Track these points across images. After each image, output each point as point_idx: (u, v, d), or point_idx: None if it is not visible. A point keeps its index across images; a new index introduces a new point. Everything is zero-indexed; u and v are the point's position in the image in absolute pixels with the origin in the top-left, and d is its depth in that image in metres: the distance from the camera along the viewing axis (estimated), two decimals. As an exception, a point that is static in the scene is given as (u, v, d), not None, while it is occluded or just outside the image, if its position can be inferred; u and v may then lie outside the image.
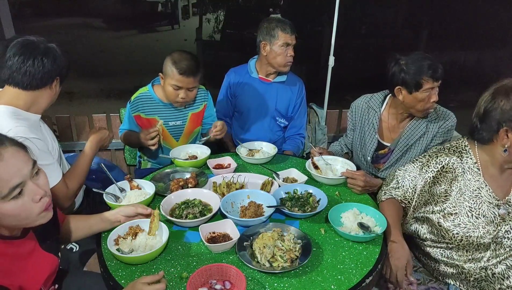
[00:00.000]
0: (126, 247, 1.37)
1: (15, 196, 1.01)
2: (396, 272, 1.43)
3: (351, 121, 2.20)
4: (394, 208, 1.63)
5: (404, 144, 1.95)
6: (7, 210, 1.00)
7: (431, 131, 1.91)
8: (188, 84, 2.02)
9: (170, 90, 2.05)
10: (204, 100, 2.31)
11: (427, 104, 1.80)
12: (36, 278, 1.17)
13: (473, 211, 1.48)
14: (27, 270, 1.13)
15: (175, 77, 1.99)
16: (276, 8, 3.36)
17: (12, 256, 1.10)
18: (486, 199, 1.48)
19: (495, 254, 1.48)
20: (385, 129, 2.04)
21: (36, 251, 1.19)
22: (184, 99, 2.07)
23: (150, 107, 2.18)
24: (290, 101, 2.50)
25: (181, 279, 1.25)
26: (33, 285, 1.15)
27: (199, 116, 2.31)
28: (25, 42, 1.53)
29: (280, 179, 1.85)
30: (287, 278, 1.27)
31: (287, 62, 2.36)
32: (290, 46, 2.32)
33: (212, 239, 1.43)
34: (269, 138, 2.51)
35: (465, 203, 1.49)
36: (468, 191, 1.50)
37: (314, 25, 3.39)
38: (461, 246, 1.51)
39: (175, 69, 1.98)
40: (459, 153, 1.54)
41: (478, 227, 1.47)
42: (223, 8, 3.28)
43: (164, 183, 1.87)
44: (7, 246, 1.09)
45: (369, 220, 1.54)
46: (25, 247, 1.15)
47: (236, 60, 2.63)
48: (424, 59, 1.76)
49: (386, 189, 1.71)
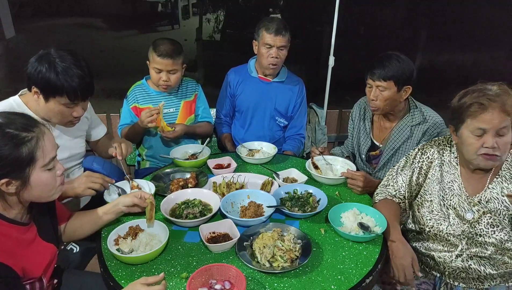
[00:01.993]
0: (126, 247, 1.37)
1: (49, 168, 1.16)
2: (404, 272, 1.40)
3: (351, 120, 2.24)
4: (389, 207, 1.63)
5: (391, 146, 1.99)
6: (41, 180, 1.14)
7: (416, 134, 1.94)
8: (167, 66, 2.11)
9: (153, 73, 2.16)
10: (195, 90, 2.40)
11: (367, 98, 1.96)
12: (36, 264, 1.21)
13: (445, 201, 1.52)
14: (28, 257, 1.18)
15: (155, 60, 2.10)
16: (276, 8, 3.36)
17: (16, 240, 1.16)
18: (457, 192, 1.50)
19: (467, 247, 1.50)
20: (376, 129, 2.10)
21: (36, 241, 1.24)
22: (166, 82, 2.15)
23: (145, 97, 2.27)
24: (290, 101, 2.50)
25: (181, 279, 1.25)
26: (34, 270, 1.19)
27: (192, 105, 2.38)
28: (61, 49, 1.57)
29: (280, 179, 1.85)
30: (287, 278, 1.27)
31: (268, 64, 2.33)
32: (274, 47, 2.26)
33: (212, 239, 1.43)
34: (269, 137, 2.51)
35: (440, 192, 1.54)
36: (443, 181, 1.54)
37: (314, 25, 3.38)
38: (432, 234, 1.56)
39: (154, 53, 2.10)
40: (443, 146, 1.58)
41: (448, 218, 1.51)
42: (223, 8, 3.28)
43: (164, 183, 1.87)
44: (14, 231, 1.15)
45: (369, 220, 1.54)
46: (28, 234, 1.21)
47: (236, 60, 2.63)
48: (378, 58, 1.87)
49: (379, 190, 1.72)
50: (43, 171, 1.14)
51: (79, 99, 1.57)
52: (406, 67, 1.84)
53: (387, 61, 1.83)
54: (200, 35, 3.37)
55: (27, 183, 1.12)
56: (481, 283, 1.53)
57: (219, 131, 2.62)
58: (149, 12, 3.38)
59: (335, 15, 2.82)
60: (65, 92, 1.51)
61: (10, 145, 1.07)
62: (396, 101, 1.91)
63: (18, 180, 1.10)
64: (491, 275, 1.49)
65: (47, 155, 1.14)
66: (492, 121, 1.30)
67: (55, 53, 1.52)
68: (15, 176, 1.09)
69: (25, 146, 1.09)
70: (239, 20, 3.43)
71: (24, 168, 1.10)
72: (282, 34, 2.25)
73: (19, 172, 1.10)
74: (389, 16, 3.57)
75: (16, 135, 1.08)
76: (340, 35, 2.91)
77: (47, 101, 1.55)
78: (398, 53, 1.88)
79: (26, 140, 1.09)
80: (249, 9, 3.50)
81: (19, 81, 2.96)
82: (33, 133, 1.11)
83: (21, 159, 1.08)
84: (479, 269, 1.50)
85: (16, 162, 1.08)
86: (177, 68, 2.16)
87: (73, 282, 1.50)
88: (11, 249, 1.13)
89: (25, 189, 1.13)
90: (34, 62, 1.51)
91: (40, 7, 3.04)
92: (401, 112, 1.98)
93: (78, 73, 1.51)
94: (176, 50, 2.13)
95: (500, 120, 1.29)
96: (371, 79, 1.88)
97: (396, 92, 1.86)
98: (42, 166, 1.13)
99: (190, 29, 3.39)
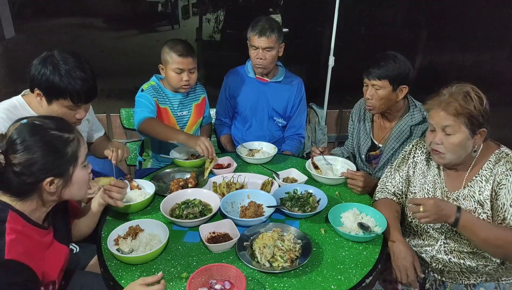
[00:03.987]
0: (126, 247, 1.37)
1: (85, 164, 1.24)
2: (406, 273, 1.41)
3: (351, 120, 2.24)
4: (390, 207, 1.63)
5: (391, 146, 1.99)
6: (81, 177, 1.22)
7: (416, 134, 1.94)
8: (188, 64, 2.08)
9: (173, 75, 2.10)
10: (203, 93, 2.40)
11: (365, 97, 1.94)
12: (53, 267, 1.24)
13: (430, 194, 1.57)
14: (46, 259, 1.20)
15: (176, 60, 2.05)
16: (276, 8, 3.36)
17: (37, 243, 1.18)
18: (439, 186, 1.56)
19: (446, 242, 1.53)
20: (376, 129, 2.10)
21: (53, 243, 1.27)
22: (188, 81, 2.12)
23: (163, 97, 2.21)
24: (288, 101, 2.49)
25: (181, 279, 1.25)
26: (51, 273, 1.22)
27: (201, 108, 2.38)
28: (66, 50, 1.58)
29: (280, 179, 1.85)
30: (287, 278, 1.27)
31: (255, 64, 2.35)
32: (259, 49, 2.25)
33: (212, 239, 1.43)
34: (268, 137, 2.51)
35: (424, 185, 1.60)
36: (429, 175, 1.60)
37: (314, 25, 3.38)
38: (413, 225, 1.62)
39: (173, 53, 2.05)
40: None
41: None
42: (223, 8, 3.28)
43: (164, 183, 1.87)
44: (35, 233, 1.19)
45: (369, 220, 1.54)
46: (47, 238, 1.24)
47: (236, 60, 2.63)
48: (374, 58, 1.88)
49: (379, 187, 1.74)
50: (82, 168, 1.23)
51: (82, 102, 1.57)
52: (402, 67, 1.84)
53: (383, 60, 1.84)
54: (200, 35, 3.37)
55: (70, 181, 1.20)
56: (466, 278, 1.54)
57: (219, 132, 2.62)
58: (149, 12, 3.38)
59: (335, 15, 2.82)
60: (68, 94, 1.51)
61: (54, 146, 1.14)
62: (392, 101, 1.91)
63: (61, 178, 1.17)
64: (472, 268, 1.50)
65: (84, 153, 1.23)
66: (435, 118, 1.43)
67: (59, 55, 1.52)
68: (59, 175, 1.16)
69: (70, 146, 1.17)
70: (239, 20, 3.43)
71: (68, 166, 1.18)
72: (266, 35, 2.22)
73: (64, 170, 1.17)
74: (389, 16, 3.57)
75: (61, 136, 1.16)
76: (340, 35, 2.90)
77: (50, 103, 1.54)
78: (395, 53, 1.88)
79: (69, 140, 1.18)
80: (249, 9, 3.50)
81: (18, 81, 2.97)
82: (73, 134, 1.20)
83: (67, 158, 1.17)
84: (459, 263, 1.52)
85: (61, 161, 1.15)
86: (195, 66, 2.15)
87: (73, 282, 1.49)
88: (33, 252, 1.14)
89: (66, 188, 1.19)
90: (37, 64, 1.50)
91: (40, 7, 3.04)
92: (400, 111, 1.98)
93: (82, 76, 1.51)
94: (192, 48, 2.12)
95: (441, 118, 1.41)
96: (367, 78, 1.89)
97: (391, 92, 1.86)
98: (81, 163, 1.22)
99: (190, 29, 3.39)
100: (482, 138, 1.43)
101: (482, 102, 1.38)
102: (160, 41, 3.32)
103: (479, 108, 1.37)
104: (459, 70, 3.49)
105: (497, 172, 1.43)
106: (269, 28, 2.23)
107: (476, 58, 3.61)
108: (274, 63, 2.38)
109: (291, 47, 2.35)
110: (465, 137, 1.40)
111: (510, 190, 1.39)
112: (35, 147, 1.10)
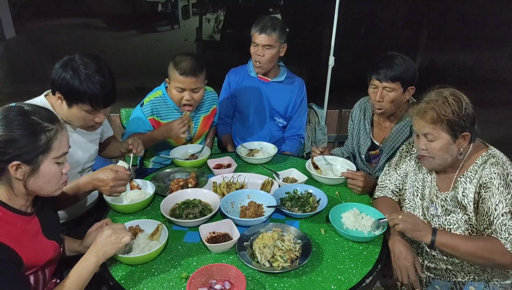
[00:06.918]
0: (126, 247, 1.37)
1: (59, 162, 1.22)
2: (406, 273, 1.41)
3: (351, 119, 2.24)
4: (388, 205, 1.64)
5: (391, 146, 1.98)
6: (50, 171, 1.20)
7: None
8: (190, 84, 1.98)
9: (175, 93, 2.03)
10: (214, 103, 2.32)
11: (372, 99, 1.92)
12: (40, 253, 1.24)
13: (419, 192, 1.60)
14: (33, 245, 1.21)
15: (177, 78, 1.97)
16: (276, 8, 3.36)
17: (22, 229, 1.20)
18: (428, 185, 1.57)
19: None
20: (376, 129, 2.10)
21: (40, 236, 1.27)
22: (189, 101, 2.02)
23: (166, 111, 2.14)
24: (289, 101, 2.49)
25: (181, 279, 1.25)
26: (37, 259, 1.22)
27: (210, 119, 2.32)
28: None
29: (280, 179, 1.85)
30: (287, 278, 1.27)
31: (254, 61, 2.35)
32: (259, 46, 2.27)
33: (212, 239, 1.43)
34: (268, 137, 2.51)
35: (414, 183, 1.62)
36: (421, 172, 1.61)
37: (314, 25, 3.39)
38: None
39: (176, 71, 1.97)
40: None
41: (418, 208, 1.59)
42: (223, 8, 3.28)
43: (164, 183, 1.87)
44: (19, 220, 1.20)
45: (369, 220, 1.54)
46: (32, 226, 1.25)
47: (236, 60, 2.63)
48: (383, 59, 1.85)
49: (378, 186, 1.75)
50: (53, 163, 1.20)
51: (101, 106, 1.57)
52: (411, 67, 1.82)
53: (393, 62, 1.80)
54: (200, 35, 3.37)
55: (36, 170, 1.17)
56: (454, 276, 1.54)
57: (220, 131, 2.62)
58: (149, 12, 3.38)
59: (335, 15, 2.82)
60: (87, 99, 1.51)
61: (31, 130, 1.14)
62: (401, 102, 1.89)
63: (28, 165, 1.15)
64: (455, 264, 1.51)
65: (61, 148, 1.21)
66: (416, 126, 1.46)
67: (80, 59, 1.52)
68: (27, 161, 1.15)
69: (45, 135, 1.16)
70: (239, 20, 3.43)
71: (38, 154, 1.16)
72: (267, 33, 2.22)
73: (32, 157, 1.15)
74: (389, 16, 3.57)
75: (39, 123, 1.16)
76: (340, 35, 2.90)
77: (70, 106, 1.56)
78: (400, 54, 1.86)
79: (46, 129, 1.17)
80: (249, 9, 3.51)
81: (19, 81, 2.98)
82: (54, 125, 1.19)
83: (38, 145, 1.15)
84: (443, 258, 1.52)
85: (32, 147, 1.14)
86: (200, 86, 2.03)
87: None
88: (17, 236, 1.16)
89: (32, 177, 1.17)
90: (58, 68, 1.52)
91: (40, 8, 3.05)
92: (401, 111, 1.98)
93: (101, 80, 1.51)
94: (199, 66, 1.98)
95: (421, 125, 1.43)
96: (377, 80, 1.83)
97: (402, 93, 1.85)
98: (54, 157, 1.19)
99: (190, 29, 3.39)
100: (466, 141, 1.42)
101: (461, 106, 1.37)
102: (160, 41, 3.33)
103: (458, 113, 1.36)
104: (460, 70, 3.49)
105: (481, 174, 1.41)
106: (271, 26, 2.23)
107: (477, 57, 3.61)
108: (273, 62, 2.37)
109: (291, 47, 2.35)
110: (447, 143, 1.40)
111: (495, 194, 1.37)
112: (15, 127, 1.13)
